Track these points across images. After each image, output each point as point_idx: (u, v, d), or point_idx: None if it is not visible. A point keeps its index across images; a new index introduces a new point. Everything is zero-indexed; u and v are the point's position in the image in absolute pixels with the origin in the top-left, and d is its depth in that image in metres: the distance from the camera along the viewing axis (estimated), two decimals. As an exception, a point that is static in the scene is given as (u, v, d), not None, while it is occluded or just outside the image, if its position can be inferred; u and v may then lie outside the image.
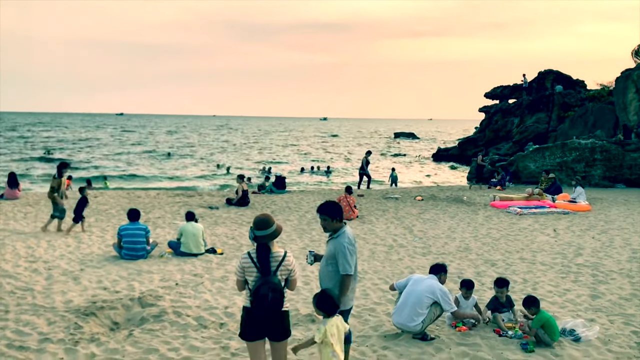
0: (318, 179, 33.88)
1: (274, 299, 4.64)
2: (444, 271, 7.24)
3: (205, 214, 16.45)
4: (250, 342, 4.86)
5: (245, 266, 4.80)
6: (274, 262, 4.78)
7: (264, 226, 4.80)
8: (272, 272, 4.75)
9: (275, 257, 4.81)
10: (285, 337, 4.92)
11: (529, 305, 6.85)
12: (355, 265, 5.52)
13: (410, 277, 7.28)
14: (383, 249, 12.05)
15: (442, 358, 6.19)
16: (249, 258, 4.80)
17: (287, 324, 4.93)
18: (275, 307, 4.69)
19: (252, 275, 4.76)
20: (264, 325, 4.80)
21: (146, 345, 6.36)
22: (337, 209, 5.53)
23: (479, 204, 19.32)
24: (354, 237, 5.59)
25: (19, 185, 18.52)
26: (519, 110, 37.59)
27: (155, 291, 8.44)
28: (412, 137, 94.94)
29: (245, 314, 4.86)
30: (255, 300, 4.66)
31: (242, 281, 4.87)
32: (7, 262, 10.05)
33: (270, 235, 4.81)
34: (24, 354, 6.10)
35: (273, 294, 4.64)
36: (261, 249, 4.79)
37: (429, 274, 7.17)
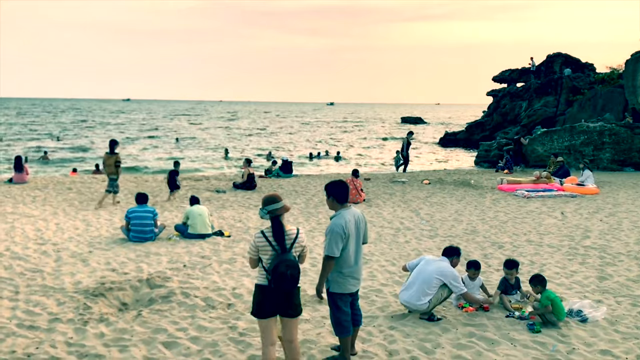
0: (327, 163, 33.85)
1: (292, 275, 4.73)
2: (457, 255, 7.14)
3: (213, 197, 16.50)
4: (263, 319, 4.92)
5: (259, 245, 4.85)
6: (288, 240, 4.86)
7: (274, 200, 4.90)
8: (288, 249, 4.83)
9: (289, 234, 4.89)
10: (298, 314, 5.01)
11: (535, 283, 6.86)
12: (354, 250, 5.42)
13: (423, 257, 7.29)
14: (390, 231, 12.06)
15: (449, 338, 6.21)
16: (263, 237, 4.86)
17: (299, 300, 5.02)
18: (295, 284, 4.79)
19: (267, 254, 4.83)
20: (279, 302, 4.86)
21: (154, 326, 6.42)
22: (336, 188, 5.41)
23: (486, 187, 19.27)
24: (356, 221, 5.45)
25: (25, 168, 18.57)
26: (527, 93, 37.32)
27: (164, 273, 8.49)
28: (420, 121, 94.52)
29: (260, 292, 4.91)
30: (274, 278, 4.72)
31: (255, 259, 4.93)
32: (16, 245, 10.13)
33: (282, 208, 4.89)
34: (34, 334, 6.17)
35: (292, 271, 4.73)
36: (276, 227, 4.86)
37: (442, 256, 7.14)
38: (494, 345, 6.03)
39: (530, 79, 38.61)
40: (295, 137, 57.95)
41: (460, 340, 6.16)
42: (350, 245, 5.40)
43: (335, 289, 5.46)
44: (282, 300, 4.87)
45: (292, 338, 5.03)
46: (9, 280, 8.05)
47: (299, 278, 4.82)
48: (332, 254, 5.26)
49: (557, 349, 5.91)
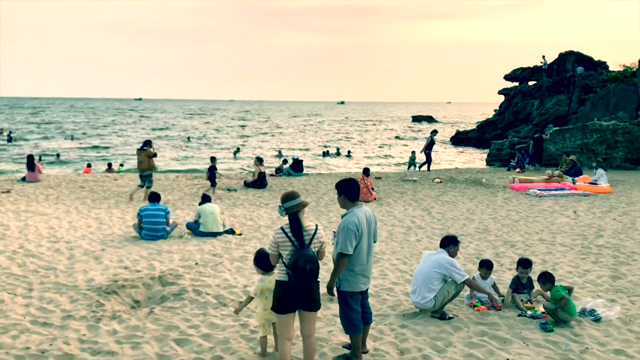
0: (337, 162, 33.84)
1: (311, 270, 4.82)
2: (454, 243, 7.02)
3: (224, 196, 16.56)
4: (283, 315, 4.99)
5: (279, 241, 4.94)
6: (307, 236, 4.96)
7: (292, 197, 5.02)
8: (306, 245, 4.91)
9: (308, 231, 4.99)
10: (318, 308, 5.07)
11: (544, 281, 6.82)
12: (365, 248, 5.40)
13: (424, 255, 7.27)
14: (401, 230, 12.03)
15: (461, 337, 6.19)
16: (282, 233, 4.95)
17: (319, 295, 5.08)
18: (314, 278, 4.89)
19: (287, 250, 4.92)
20: (299, 297, 4.94)
21: (167, 323, 6.45)
22: (347, 186, 5.41)
23: (498, 186, 19.18)
24: (367, 219, 5.45)
25: (38, 167, 18.70)
26: (539, 92, 37.08)
27: (176, 270, 8.53)
28: (431, 120, 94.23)
29: (280, 288, 4.98)
30: (294, 273, 4.82)
31: (276, 255, 5.01)
32: (30, 242, 10.22)
33: (300, 204, 5.00)
34: (48, 330, 6.23)
35: (311, 265, 4.82)
36: (294, 223, 4.95)
37: (439, 249, 7.09)
38: (506, 344, 6.00)
39: (542, 77, 38.38)
40: (308, 135, 57.98)
41: (472, 339, 6.13)
42: (362, 244, 5.39)
43: (346, 288, 5.46)
44: (302, 295, 4.94)
45: (310, 333, 5.10)
46: (22, 278, 8.12)
47: (318, 272, 4.91)
48: (345, 251, 5.25)
49: (570, 349, 5.87)
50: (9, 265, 8.71)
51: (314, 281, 4.93)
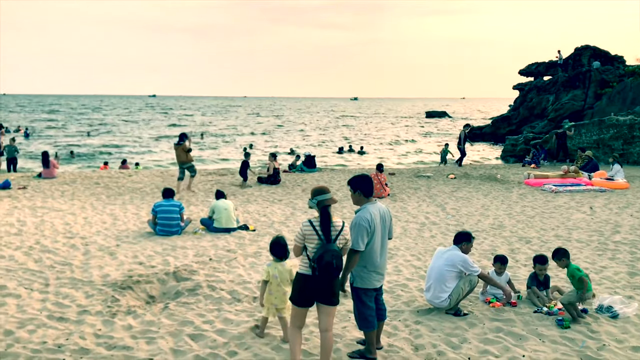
0: (351, 158, 33.79)
1: (337, 265, 4.84)
2: (467, 240, 6.94)
3: (238, 192, 16.59)
4: (301, 307, 5.05)
5: (306, 233, 4.96)
6: (334, 231, 4.97)
7: (323, 191, 5.02)
8: (333, 240, 4.93)
9: (336, 226, 5.00)
10: (337, 303, 5.09)
11: (559, 257, 6.72)
12: (379, 245, 5.38)
13: (437, 250, 7.22)
14: (415, 226, 11.98)
15: (476, 333, 6.15)
16: (310, 225, 4.97)
17: (338, 289, 5.11)
18: (337, 272, 4.90)
19: (313, 243, 4.93)
20: (320, 291, 4.96)
21: (181, 318, 6.48)
22: (361, 182, 5.39)
23: (513, 182, 19.04)
24: (381, 215, 5.41)
25: (53, 163, 18.84)
26: (554, 87, 36.76)
27: (190, 266, 8.56)
28: (445, 115, 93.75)
29: (301, 281, 5.02)
30: (320, 267, 4.82)
31: (300, 247, 5.04)
32: (46, 238, 10.31)
33: (330, 199, 5.01)
34: (64, 325, 6.27)
35: (337, 261, 4.83)
36: (325, 217, 4.95)
37: (452, 245, 7.04)
38: (521, 340, 5.95)
39: (557, 72, 38.03)
40: (324, 132, 57.96)
41: (488, 335, 6.09)
42: (376, 240, 5.36)
43: (359, 284, 5.45)
44: (322, 289, 4.96)
45: (328, 327, 5.09)
46: (39, 273, 8.19)
47: (342, 268, 4.93)
48: (357, 248, 5.23)
49: (587, 345, 5.81)
50: (26, 261, 8.79)
51: (335, 276, 4.94)
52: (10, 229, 10.97)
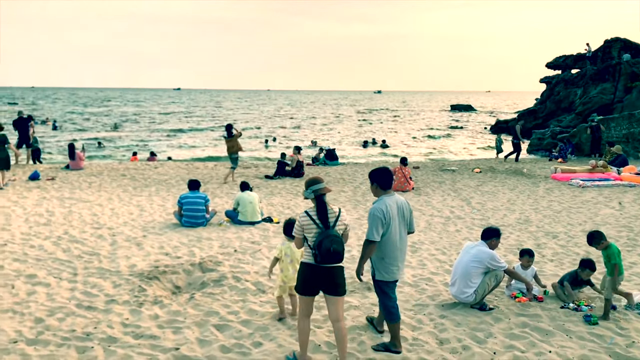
0: (374, 151, 33.67)
1: (336, 250, 4.88)
2: (496, 236, 6.88)
3: (262, 184, 16.67)
4: (306, 296, 5.11)
5: (304, 224, 5.04)
6: (331, 217, 5.06)
7: (317, 181, 5.16)
8: (331, 226, 5.00)
9: (332, 213, 5.10)
10: (342, 293, 5.10)
11: (597, 241, 6.55)
12: (397, 237, 5.37)
13: (465, 246, 7.16)
14: (440, 220, 11.91)
15: (501, 328, 6.10)
16: (307, 216, 5.05)
17: (343, 279, 5.12)
18: (337, 258, 4.93)
19: (312, 232, 5.00)
20: (322, 280, 5.01)
21: (207, 308, 6.54)
22: (379, 175, 5.45)
23: (540, 176, 18.79)
24: (399, 207, 5.42)
25: (79, 155, 19.08)
26: (583, 80, 36.10)
27: (215, 257, 8.64)
28: (470, 109, 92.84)
29: (305, 270, 5.08)
30: (320, 254, 4.88)
31: (301, 239, 5.11)
32: (74, 229, 10.48)
33: (324, 188, 5.14)
34: (92, 314, 6.38)
35: (336, 245, 4.88)
36: (320, 204, 5.07)
37: (480, 240, 6.98)
38: (548, 336, 5.88)
39: (585, 65, 37.33)
40: (348, 125, 57.84)
41: (513, 330, 6.04)
42: (392, 232, 5.36)
43: (378, 277, 5.47)
44: (326, 278, 5.01)
45: (337, 318, 5.11)
46: (67, 263, 8.34)
47: (343, 254, 4.96)
48: (372, 238, 5.27)
49: (615, 342, 5.72)
50: (55, 251, 8.95)
51: (338, 262, 4.97)
52: (39, 219, 11.17)
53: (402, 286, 7.52)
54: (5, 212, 11.69)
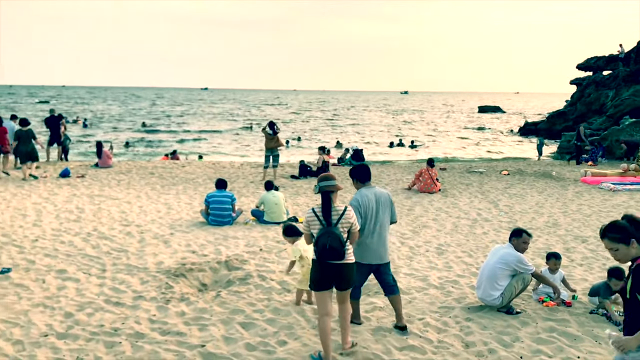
0: (401, 152, 33.54)
1: (331, 247, 5.02)
2: (518, 235, 6.71)
3: (287, 184, 16.72)
4: (318, 292, 5.27)
5: (309, 220, 5.27)
6: (335, 215, 5.21)
7: (327, 178, 5.37)
8: (334, 224, 5.16)
9: (337, 210, 5.25)
10: (349, 287, 5.33)
11: None
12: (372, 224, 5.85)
13: (492, 248, 7.09)
14: (467, 222, 11.81)
15: (528, 332, 6.03)
16: (312, 213, 5.27)
17: (351, 275, 5.30)
18: (335, 254, 5.06)
19: (316, 228, 5.21)
20: (328, 275, 5.18)
21: (232, 306, 6.58)
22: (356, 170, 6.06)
23: (569, 179, 18.51)
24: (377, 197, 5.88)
25: (106, 153, 19.35)
26: (615, 82, 35.45)
27: (241, 256, 8.70)
28: (498, 110, 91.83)
29: (313, 266, 5.30)
30: (317, 250, 5.12)
31: (309, 235, 5.34)
32: (103, 225, 10.65)
33: (333, 186, 5.32)
34: (120, 310, 6.48)
35: (331, 242, 5.02)
36: (325, 201, 5.25)
37: (508, 243, 6.88)
38: (576, 341, 5.80)
39: (618, 66, 36.65)
40: (375, 126, 57.75)
41: (541, 334, 5.96)
42: (368, 220, 5.84)
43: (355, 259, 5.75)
44: (334, 275, 5.18)
45: (343, 301, 5.40)
46: (96, 259, 8.48)
47: (340, 251, 5.06)
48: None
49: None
50: (84, 247, 9.11)
51: (335, 259, 5.08)
52: (69, 216, 11.38)
53: (427, 288, 7.49)
54: (37, 209, 11.94)
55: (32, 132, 16.41)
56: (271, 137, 17.08)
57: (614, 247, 3.68)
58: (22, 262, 8.19)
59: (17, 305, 6.55)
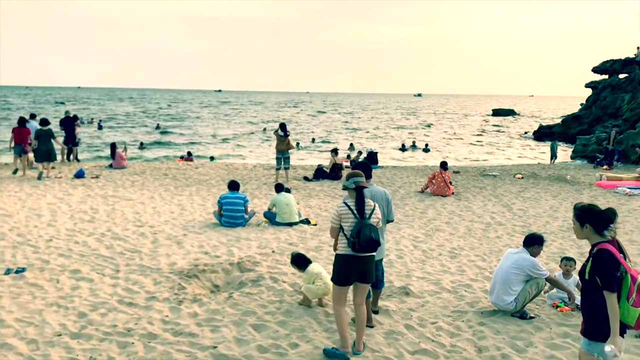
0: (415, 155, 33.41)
1: (373, 239, 5.21)
2: (538, 243, 6.73)
3: (300, 186, 16.73)
4: (342, 286, 5.43)
5: (342, 213, 5.39)
6: (367, 209, 5.40)
7: (358, 174, 5.50)
8: (367, 217, 5.35)
9: (369, 206, 5.45)
10: (371, 280, 5.51)
11: None
12: None
13: (506, 252, 7.04)
14: (480, 226, 11.74)
15: (542, 337, 5.98)
16: (345, 206, 5.41)
17: (374, 268, 5.52)
18: (374, 246, 5.27)
19: (349, 221, 5.35)
20: (359, 268, 5.35)
21: (245, 308, 6.59)
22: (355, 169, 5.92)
23: (584, 183, 18.35)
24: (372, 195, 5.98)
25: (117, 154, 19.46)
26: (631, 85, 35.08)
27: (253, 257, 8.70)
28: (512, 113, 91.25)
29: (341, 261, 5.39)
30: (360, 240, 5.20)
31: (337, 228, 5.44)
32: (117, 226, 10.72)
33: (364, 181, 5.47)
34: (133, 310, 6.51)
35: (374, 234, 5.23)
36: (359, 196, 5.39)
37: (522, 247, 6.83)
38: (591, 347, 5.73)
39: (634, 69, 36.29)
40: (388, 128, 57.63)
41: (555, 340, 5.91)
42: None
43: None
44: (362, 267, 5.36)
45: (362, 302, 5.54)
46: (110, 259, 8.53)
47: (379, 242, 5.29)
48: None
49: (663, 356, 5.54)
50: (98, 247, 9.17)
51: (373, 250, 5.32)
52: (83, 216, 11.46)
53: (440, 292, 7.45)
54: (52, 209, 12.03)
55: (52, 131, 16.85)
56: (282, 139, 17.12)
57: (574, 222, 4.26)
58: (36, 261, 8.26)
59: (32, 304, 6.60)
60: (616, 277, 3.90)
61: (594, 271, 3.97)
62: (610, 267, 3.91)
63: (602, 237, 4.09)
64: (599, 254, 3.97)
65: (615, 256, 3.95)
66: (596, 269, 3.96)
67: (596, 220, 4.10)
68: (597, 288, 3.97)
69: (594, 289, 3.99)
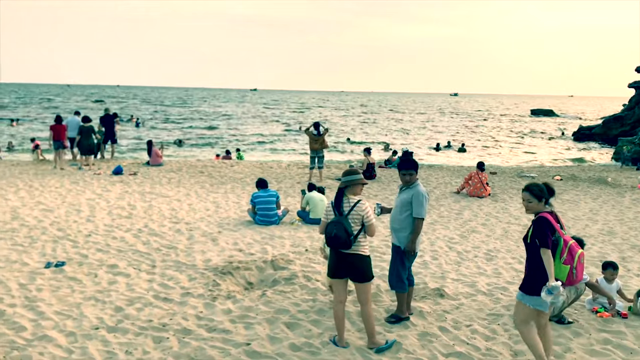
0: (451, 155, 33.05)
1: (336, 235, 5.27)
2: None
3: (334, 185, 16.69)
4: (333, 279, 5.61)
5: (327, 211, 5.58)
6: (346, 206, 5.44)
7: (350, 172, 5.54)
8: (345, 214, 5.38)
9: (350, 202, 5.46)
10: (363, 280, 5.48)
11: None
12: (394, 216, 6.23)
13: None
14: (517, 228, 11.54)
15: (581, 343, 5.83)
16: (330, 204, 5.58)
17: (364, 267, 5.46)
18: (339, 243, 5.31)
19: (330, 217, 5.50)
20: (340, 263, 5.44)
21: (278, 306, 6.61)
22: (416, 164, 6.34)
23: (626, 186, 17.87)
24: None
25: (153, 152, 19.75)
26: (677, 85, 34.05)
27: (287, 255, 8.73)
28: (551, 114, 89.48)
29: (330, 254, 5.60)
30: (326, 237, 5.44)
31: (323, 223, 5.55)
32: (154, 222, 10.88)
33: (349, 181, 5.49)
34: (168, 305, 6.59)
35: (336, 231, 5.28)
36: (337, 194, 5.53)
37: None
38: (632, 355, 5.57)
39: (680, 69, 35.18)
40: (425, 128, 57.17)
41: (594, 346, 5.76)
42: None
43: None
44: (345, 264, 5.42)
45: (362, 302, 5.55)
46: (146, 255, 8.66)
47: (345, 240, 5.28)
48: (422, 216, 6.10)
49: None
50: (135, 243, 9.32)
51: (341, 247, 5.34)
52: (121, 212, 11.67)
53: (475, 294, 7.35)
54: (91, 205, 12.28)
55: (93, 128, 18.54)
56: (316, 139, 17.12)
57: (530, 199, 4.92)
58: (75, 256, 8.45)
59: (70, 297, 6.75)
60: (550, 238, 4.72)
61: (535, 234, 4.76)
62: (546, 229, 4.73)
63: (546, 207, 4.93)
64: (539, 220, 4.80)
65: (551, 222, 4.79)
66: (536, 231, 4.75)
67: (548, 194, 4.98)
68: (536, 249, 4.76)
69: (534, 250, 4.79)
